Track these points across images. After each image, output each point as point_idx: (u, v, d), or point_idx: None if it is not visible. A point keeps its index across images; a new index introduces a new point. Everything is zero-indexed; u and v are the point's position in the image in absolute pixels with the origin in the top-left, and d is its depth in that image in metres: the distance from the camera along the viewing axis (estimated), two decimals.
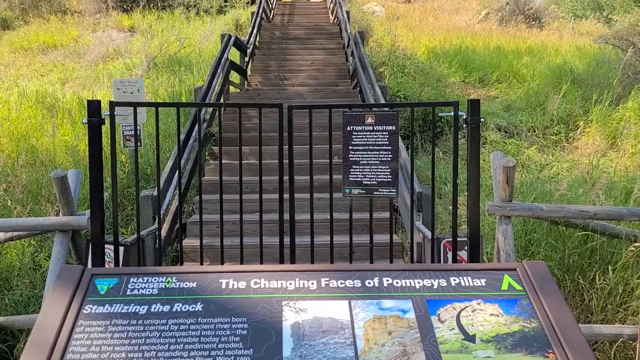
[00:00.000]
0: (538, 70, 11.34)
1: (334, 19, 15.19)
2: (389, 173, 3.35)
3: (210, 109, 7.40)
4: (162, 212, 4.73)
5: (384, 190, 3.36)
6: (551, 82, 10.46)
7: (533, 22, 18.31)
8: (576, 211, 3.65)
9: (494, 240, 4.02)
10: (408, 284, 2.14)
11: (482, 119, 3.18)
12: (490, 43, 14.68)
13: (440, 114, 3.48)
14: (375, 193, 3.38)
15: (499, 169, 3.57)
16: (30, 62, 13.97)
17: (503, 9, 18.85)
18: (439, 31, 16.96)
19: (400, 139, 4.93)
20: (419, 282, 2.15)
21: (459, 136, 3.47)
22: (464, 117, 3.19)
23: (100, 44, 15.21)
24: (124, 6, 18.62)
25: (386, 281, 2.15)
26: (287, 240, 3.63)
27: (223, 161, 6.46)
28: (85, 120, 3.07)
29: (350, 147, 3.38)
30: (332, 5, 16.23)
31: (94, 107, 3.10)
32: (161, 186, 5.07)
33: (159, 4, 18.92)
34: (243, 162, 4.47)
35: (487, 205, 3.65)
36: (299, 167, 5.76)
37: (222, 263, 3.61)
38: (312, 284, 2.13)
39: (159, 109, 3.53)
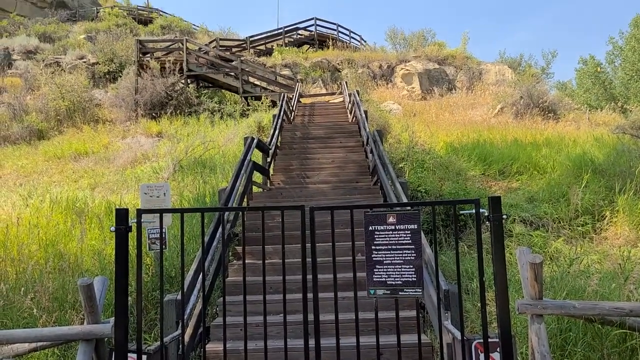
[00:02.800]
0: (558, 161, 11.39)
1: (353, 118, 15.72)
2: (413, 272, 3.32)
3: None
4: (185, 317, 4.69)
5: (409, 290, 3.31)
6: (572, 172, 10.46)
7: (549, 114, 18.65)
8: (611, 308, 3.51)
9: (527, 340, 3.85)
10: None
11: (505, 216, 3.17)
12: (508, 136, 14.91)
13: (461, 212, 3.49)
14: (400, 293, 3.33)
15: (526, 266, 3.51)
16: (62, 169, 14.57)
17: (518, 103, 19.32)
18: (455, 126, 17.35)
19: (423, 234, 4.91)
20: None
21: (482, 229, 3.45)
22: (486, 214, 3.20)
23: (129, 150, 15.89)
24: (153, 114, 19.63)
25: None
26: (312, 342, 3.54)
27: (246, 261, 6.47)
28: (113, 229, 3.15)
29: (373, 247, 3.38)
30: (350, 105, 16.87)
31: (121, 215, 3.19)
32: (185, 288, 5.06)
33: (185, 110, 19.90)
34: (266, 261, 4.48)
35: (517, 304, 3.55)
36: (322, 265, 5.73)
37: None
38: None
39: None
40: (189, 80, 21.90)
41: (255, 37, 31.04)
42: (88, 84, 22.72)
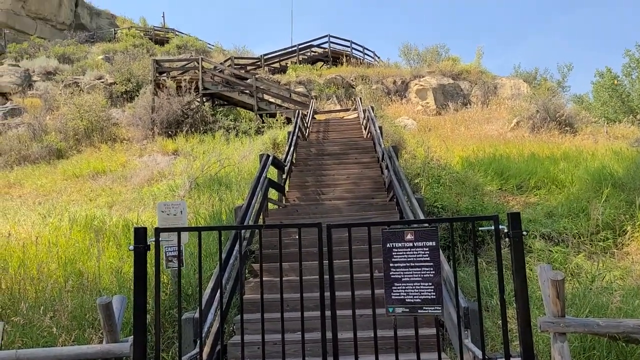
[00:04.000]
0: (576, 175, 11.25)
1: (367, 134, 15.73)
2: (432, 290, 3.28)
3: None
4: (203, 336, 4.68)
5: (429, 308, 3.27)
6: (591, 186, 10.32)
7: (566, 128, 18.49)
8: (635, 326, 3.43)
9: (550, 358, 3.78)
10: None
11: (525, 232, 3.13)
12: (524, 150, 14.79)
13: (480, 228, 3.45)
14: (419, 311, 3.29)
15: (548, 283, 3.45)
16: (80, 188, 14.75)
17: (534, 117, 19.19)
18: (471, 140, 17.27)
19: (440, 250, 4.86)
20: None
21: (501, 245, 3.39)
22: (505, 230, 3.16)
23: (145, 168, 16.05)
24: (169, 132, 19.84)
25: None
26: None
27: (263, 278, 6.44)
28: (131, 247, 3.17)
29: (391, 265, 3.35)
30: (364, 122, 16.89)
31: (140, 234, 3.21)
32: (202, 306, 5.05)
33: (201, 128, 20.08)
34: (283, 278, 4.45)
35: (539, 322, 3.48)
36: (339, 282, 5.68)
37: None
38: None
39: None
40: (204, 99, 22.14)
41: (270, 55, 31.35)
42: (106, 104, 23.07)
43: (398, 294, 3.31)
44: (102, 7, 49.19)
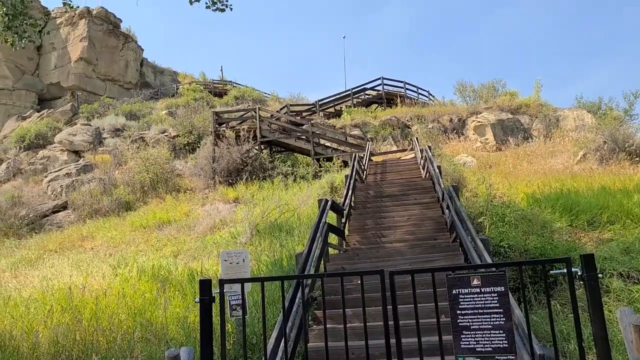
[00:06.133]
0: None
1: (426, 173, 15.55)
2: (504, 337, 3.13)
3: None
4: None
5: (501, 357, 3.11)
6: None
7: (637, 159, 17.59)
8: None
9: None
10: None
11: (600, 275, 2.96)
12: (594, 183, 14.15)
13: (551, 272, 3.29)
14: None
15: (630, 328, 3.22)
16: (147, 239, 15.28)
17: (601, 148, 18.39)
18: (535, 175, 16.72)
19: (510, 294, 4.65)
20: None
21: (576, 286, 3.20)
22: (579, 273, 2.99)
23: (208, 216, 16.46)
24: (229, 180, 20.38)
25: None
26: None
27: (327, 326, 6.37)
28: (197, 300, 3.22)
29: (458, 312, 3.24)
30: (422, 161, 16.74)
31: (205, 286, 3.26)
32: (267, 356, 5.02)
33: (260, 175, 20.52)
34: (347, 325, 4.38)
35: None
36: (404, 328, 5.54)
37: None
38: None
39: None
40: (262, 146, 22.69)
41: (324, 101, 31.93)
42: (169, 156, 24.08)
43: (467, 343, 3.18)
44: (165, 65, 52.08)
